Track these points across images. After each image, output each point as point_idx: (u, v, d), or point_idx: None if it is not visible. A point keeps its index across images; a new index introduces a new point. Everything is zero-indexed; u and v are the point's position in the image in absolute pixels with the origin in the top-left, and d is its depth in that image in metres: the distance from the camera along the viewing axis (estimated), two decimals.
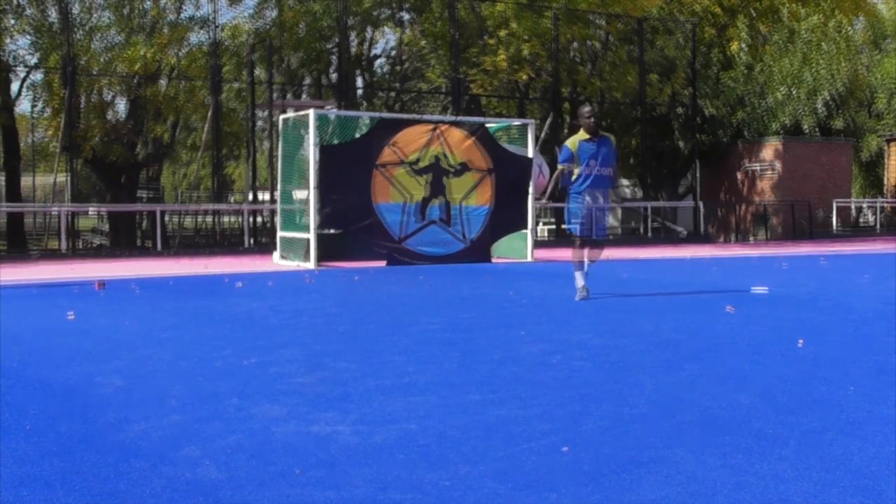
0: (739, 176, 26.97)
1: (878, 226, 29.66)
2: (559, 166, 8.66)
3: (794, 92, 26.19)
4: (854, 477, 2.95)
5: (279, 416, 3.83)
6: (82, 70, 19.61)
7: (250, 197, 25.48)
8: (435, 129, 14.81)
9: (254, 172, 25.44)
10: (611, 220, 32.39)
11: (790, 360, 5.09)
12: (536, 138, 18.22)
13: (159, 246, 19.08)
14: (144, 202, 26.63)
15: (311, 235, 13.87)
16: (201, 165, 26.42)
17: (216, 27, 20.64)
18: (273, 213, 19.27)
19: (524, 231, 15.65)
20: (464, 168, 14.90)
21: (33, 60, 21.32)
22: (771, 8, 28.08)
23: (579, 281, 8.44)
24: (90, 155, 20.59)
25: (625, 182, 31.51)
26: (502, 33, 23.23)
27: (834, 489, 2.82)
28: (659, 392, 4.25)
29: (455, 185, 14.84)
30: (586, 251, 8.55)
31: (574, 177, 8.43)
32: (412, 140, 14.50)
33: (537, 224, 21.92)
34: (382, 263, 14.05)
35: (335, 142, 14.60)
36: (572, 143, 8.48)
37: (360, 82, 28.51)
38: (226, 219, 30.86)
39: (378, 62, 31.42)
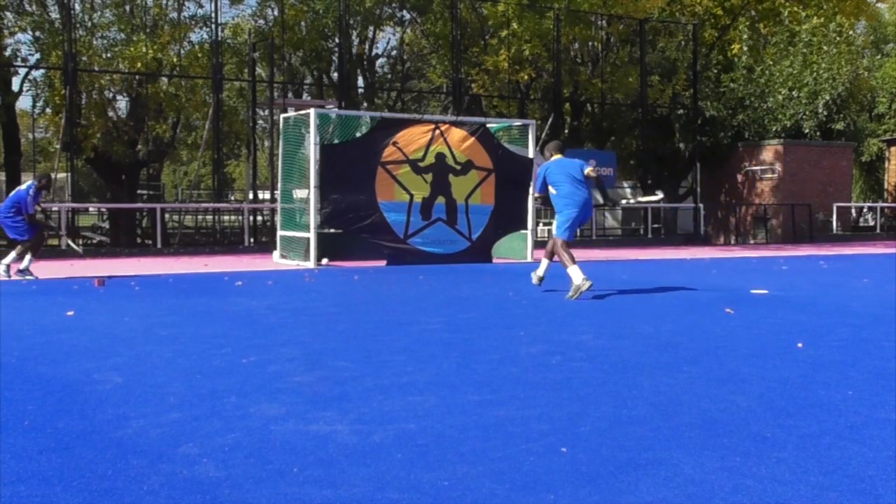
0: (740, 178, 26.97)
1: (878, 228, 29.66)
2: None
3: (794, 94, 26.20)
4: (852, 480, 2.95)
5: (278, 415, 3.83)
6: (83, 68, 19.61)
7: (251, 196, 25.49)
8: (436, 128, 14.82)
9: (254, 171, 25.46)
10: (611, 221, 32.46)
11: (789, 363, 5.09)
12: (537, 139, 18.22)
13: (159, 244, 19.08)
14: (145, 200, 26.66)
15: (312, 234, 13.87)
16: (202, 164, 26.42)
17: (217, 25, 20.65)
18: (273, 211, 19.28)
19: (524, 231, 15.65)
20: (468, 166, 14.91)
21: (34, 58, 21.34)
22: (772, 10, 28.07)
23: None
24: (91, 153, 20.60)
25: (626, 183, 31.53)
26: (504, 33, 23.25)
27: (832, 492, 2.83)
28: (657, 394, 4.25)
29: (459, 184, 14.84)
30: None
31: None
32: (413, 139, 14.50)
33: (537, 224, 21.92)
34: (382, 263, 14.05)
35: (336, 141, 14.61)
36: None
37: (361, 81, 28.52)
38: (226, 217, 30.89)
39: (379, 61, 31.47)
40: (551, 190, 9.32)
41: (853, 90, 26.91)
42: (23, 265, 11.35)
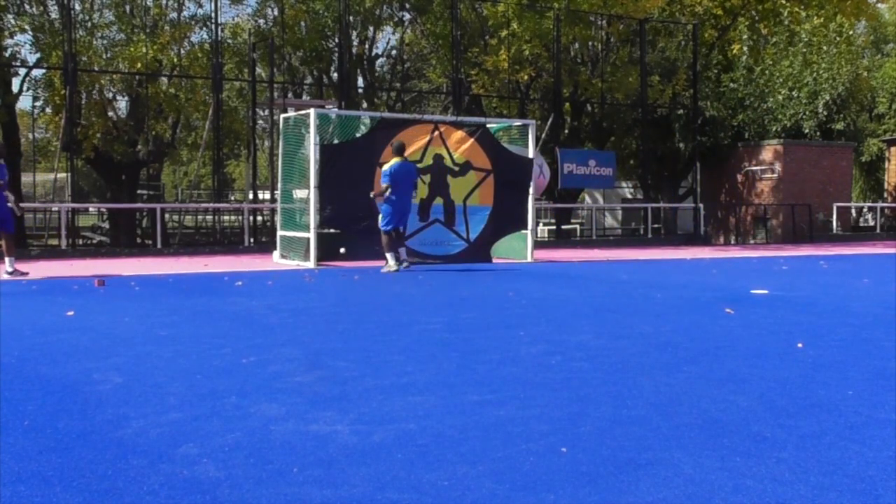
0: (739, 178, 26.98)
1: (878, 228, 29.66)
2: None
3: (794, 94, 26.19)
4: (852, 480, 2.95)
5: (278, 415, 3.83)
6: (83, 68, 19.61)
7: (251, 196, 25.49)
8: (435, 129, 14.82)
9: (254, 171, 25.45)
10: (611, 221, 32.47)
11: (789, 363, 5.09)
12: (537, 139, 18.22)
13: (159, 244, 19.08)
14: (145, 200, 26.67)
15: (311, 235, 13.87)
16: (202, 164, 26.43)
17: (217, 26, 20.65)
18: (273, 212, 19.28)
19: (524, 231, 15.65)
20: (466, 167, 14.91)
21: (34, 58, 21.34)
22: (772, 10, 28.07)
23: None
24: (91, 153, 20.60)
25: (626, 183, 31.55)
26: (504, 33, 23.24)
27: (832, 492, 2.83)
28: (657, 394, 4.25)
29: (457, 185, 14.85)
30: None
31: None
32: (413, 140, 14.49)
33: (537, 224, 21.92)
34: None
35: (336, 141, 14.61)
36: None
37: (360, 82, 28.51)
38: (226, 217, 30.89)
39: (379, 61, 31.44)
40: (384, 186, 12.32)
41: (853, 90, 26.91)
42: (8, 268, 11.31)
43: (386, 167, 12.61)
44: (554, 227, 26.34)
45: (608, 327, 6.67)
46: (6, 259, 11.41)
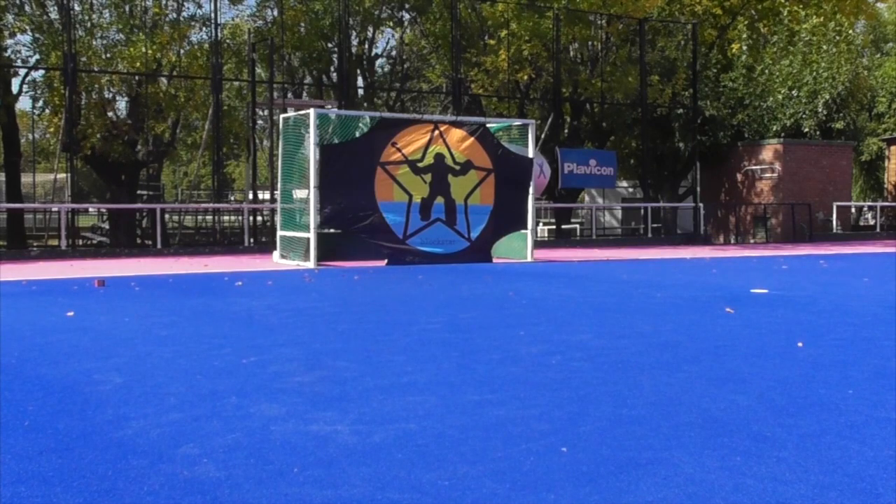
0: (739, 177, 26.97)
1: (878, 227, 29.66)
2: None
3: (794, 93, 26.19)
4: (852, 479, 2.95)
5: (278, 415, 3.82)
6: (83, 68, 19.61)
7: (250, 196, 25.49)
8: (435, 128, 14.82)
9: (254, 171, 25.46)
10: (610, 221, 32.48)
11: (789, 362, 5.08)
12: (537, 139, 18.22)
13: (159, 244, 19.08)
14: (145, 200, 26.66)
15: (311, 235, 13.87)
16: (202, 164, 26.43)
17: (217, 26, 20.65)
18: (273, 212, 19.28)
19: (524, 231, 15.65)
20: (467, 166, 14.92)
21: (34, 58, 21.34)
22: (772, 9, 28.07)
23: None
24: (91, 153, 20.59)
25: (625, 183, 31.56)
26: (503, 33, 23.25)
27: (832, 491, 2.82)
28: (658, 393, 4.25)
29: (458, 184, 14.85)
30: None
31: None
32: (413, 139, 14.51)
33: (537, 224, 21.91)
34: (382, 263, 14.06)
35: (335, 141, 14.61)
36: None
37: (360, 82, 28.51)
38: (226, 218, 30.88)
39: (379, 62, 31.46)
40: None
41: (853, 89, 26.90)
42: None
43: None
44: (554, 227, 26.34)
45: (608, 327, 6.67)
46: None
